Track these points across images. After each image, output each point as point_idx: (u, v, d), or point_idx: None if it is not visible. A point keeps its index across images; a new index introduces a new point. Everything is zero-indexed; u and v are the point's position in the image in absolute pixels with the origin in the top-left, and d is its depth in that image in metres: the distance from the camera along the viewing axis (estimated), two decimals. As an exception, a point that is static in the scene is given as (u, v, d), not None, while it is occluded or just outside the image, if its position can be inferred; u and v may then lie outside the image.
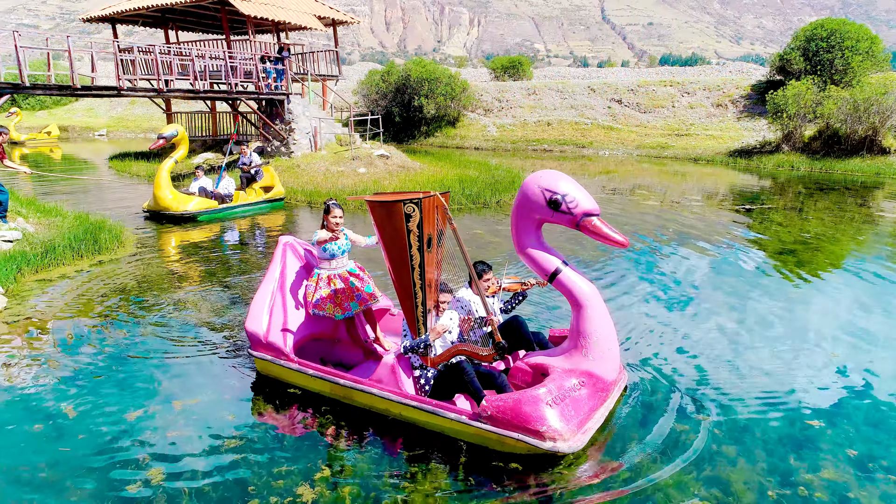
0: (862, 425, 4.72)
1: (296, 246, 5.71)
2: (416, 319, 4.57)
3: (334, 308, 5.33)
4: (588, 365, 4.37)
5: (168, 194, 12.29)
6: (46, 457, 4.28)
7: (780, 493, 3.89)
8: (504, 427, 4.14)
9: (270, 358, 5.22)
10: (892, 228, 12.12)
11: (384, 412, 4.74)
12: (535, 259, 4.58)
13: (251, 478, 4.08)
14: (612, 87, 32.86)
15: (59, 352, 5.98)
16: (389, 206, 4.28)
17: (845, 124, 22.22)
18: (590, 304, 4.42)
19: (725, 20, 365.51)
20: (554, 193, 4.33)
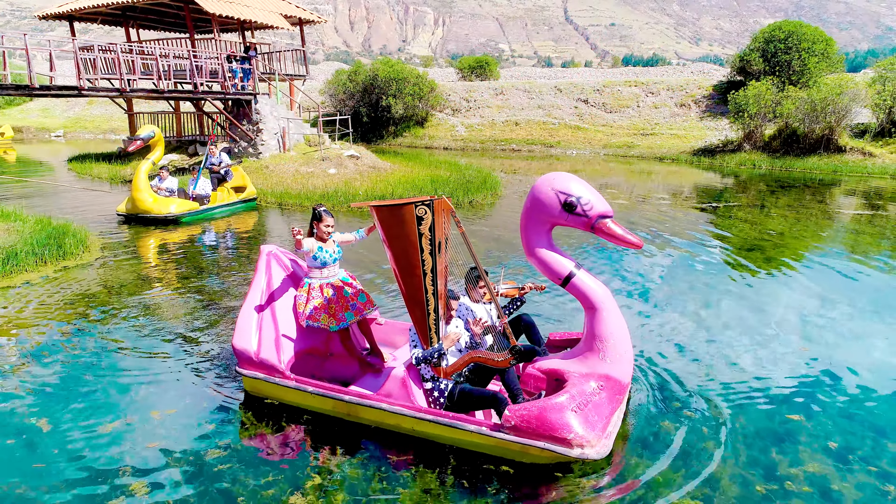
0: (837, 417, 4.85)
1: (279, 255, 5.39)
2: (429, 328, 4.37)
3: (329, 319, 5.06)
4: (606, 368, 4.29)
5: (147, 197, 12.05)
6: (21, 473, 4.11)
7: (767, 488, 3.97)
8: (529, 437, 4.02)
9: (263, 376, 4.90)
10: (851, 224, 12.52)
11: (394, 428, 4.53)
12: (548, 263, 4.43)
13: (237, 488, 3.99)
14: (578, 87, 33.24)
15: (27, 362, 5.76)
16: (399, 210, 4.12)
17: (803, 124, 22.91)
18: (605, 306, 4.33)
19: (685, 21, 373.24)
20: (569, 196, 4.22)
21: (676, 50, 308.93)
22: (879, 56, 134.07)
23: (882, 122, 23.03)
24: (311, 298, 5.09)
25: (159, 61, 15.66)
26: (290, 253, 5.50)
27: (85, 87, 14.04)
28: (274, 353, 4.89)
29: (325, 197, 14.31)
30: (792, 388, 5.31)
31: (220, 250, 10.47)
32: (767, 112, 23.56)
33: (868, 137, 23.08)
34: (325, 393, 4.69)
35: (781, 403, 5.05)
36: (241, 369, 4.99)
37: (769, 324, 6.83)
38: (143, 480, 4.04)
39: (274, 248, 5.39)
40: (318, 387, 4.74)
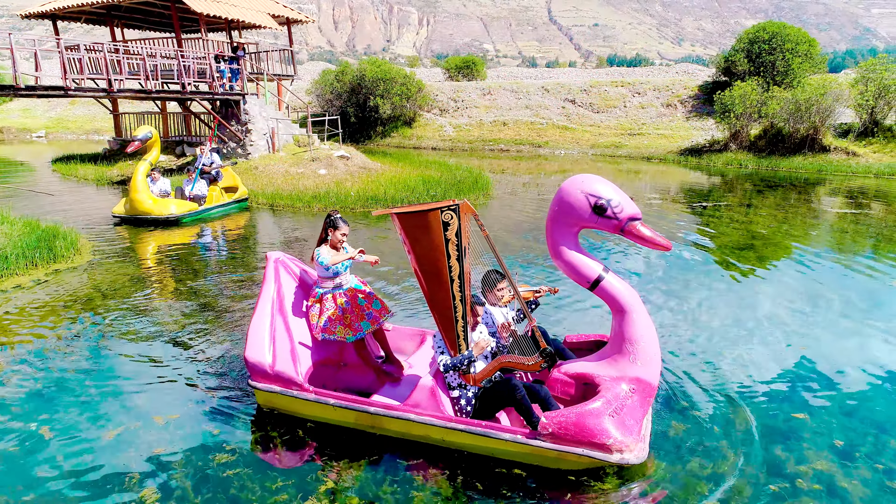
0: (839, 415, 4.92)
1: (287, 262, 5.19)
2: (457, 335, 4.26)
3: (345, 330, 4.89)
4: (636, 371, 4.26)
5: (147, 198, 11.98)
6: (26, 482, 4.04)
7: (780, 486, 4.01)
8: (567, 443, 3.99)
9: (280, 390, 4.69)
10: (837, 222, 12.69)
11: (422, 439, 4.43)
12: (576, 266, 4.36)
13: (246, 494, 3.95)
14: (565, 87, 33.38)
15: (23, 367, 5.67)
16: (425, 216, 4.03)
17: (788, 123, 23.19)
18: (635, 309, 4.29)
19: (667, 22, 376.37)
20: (599, 198, 4.16)
21: (659, 50, 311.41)
22: (857, 57, 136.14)
23: (865, 122, 23.38)
24: (324, 309, 4.93)
25: (147, 61, 15.48)
26: (297, 259, 5.33)
27: (71, 87, 13.84)
28: (290, 366, 4.70)
29: (317, 198, 14.23)
30: (793, 387, 5.37)
31: (213, 252, 10.37)
32: (753, 112, 23.82)
33: (851, 137, 23.42)
34: (349, 405, 4.54)
35: (784, 402, 5.11)
36: (255, 382, 4.78)
37: (765, 322, 6.90)
38: (153, 487, 3.99)
39: (281, 255, 5.19)
40: (340, 399, 4.57)
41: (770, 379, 5.52)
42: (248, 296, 7.76)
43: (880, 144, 22.66)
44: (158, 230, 11.72)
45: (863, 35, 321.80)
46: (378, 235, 11.19)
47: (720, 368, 5.71)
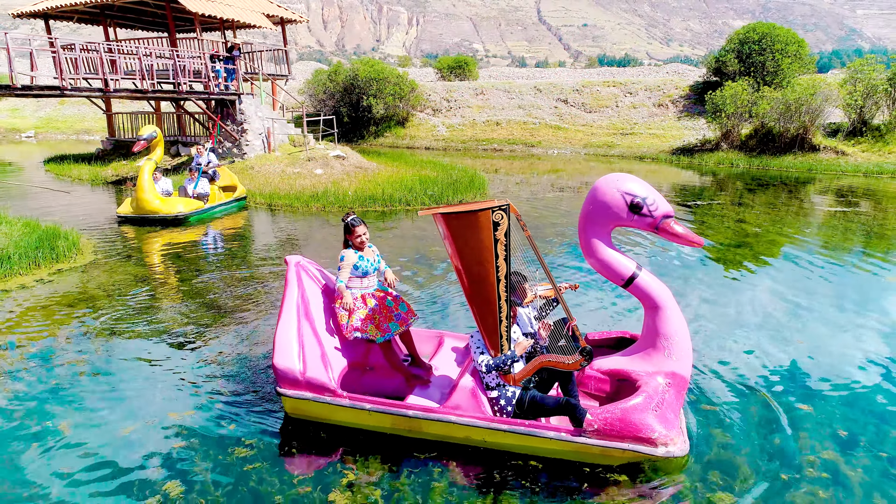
0: (840, 406, 5.06)
1: (307, 266, 5.08)
2: (500, 335, 4.26)
3: (375, 330, 4.88)
4: (671, 365, 4.34)
5: (154, 198, 12.09)
6: (48, 477, 4.10)
7: (789, 476, 4.14)
8: (613, 439, 4.06)
9: (311, 396, 4.58)
10: (829, 220, 12.90)
11: (462, 441, 4.42)
12: (610, 264, 4.42)
13: (265, 487, 4.03)
14: (557, 87, 33.56)
15: (35, 365, 5.70)
16: (474, 217, 4.02)
17: (778, 123, 23.47)
18: (669, 305, 4.38)
19: (655, 22, 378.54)
20: (635, 197, 4.24)
21: (648, 50, 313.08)
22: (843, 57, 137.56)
23: (854, 121, 23.71)
24: (355, 310, 4.91)
25: (143, 61, 15.45)
26: (316, 262, 5.27)
27: (68, 87, 13.79)
28: (322, 371, 4.60)
29: (315, 197, 14.28)
30: (793, 379, 5.51)
31: (215, 251, 10.40)
32: (743, 112, 24.08)
33: (840, 136, 23.74)
34: (386, 409, 4.48)
35: (786, 394, 5.24)
36: (284, 390, 4.64)
37: (763, 317, 7.05)
38: (176, 481, 4.06)
39: (300, 259, 5.09)
40: (377, 403, 4.51)
41: (772, 371, 5.65)
42: (253, 294, 7.81)
43: (868, 144, 22.99)
44: (159, 230, 11.74)
45: (848, 35, 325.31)
46: (376, 237, 11.27)
47: (722, 362, 5.83)
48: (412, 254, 9.76)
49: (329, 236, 11.20)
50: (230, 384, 5.41)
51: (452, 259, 4.30)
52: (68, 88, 13.83)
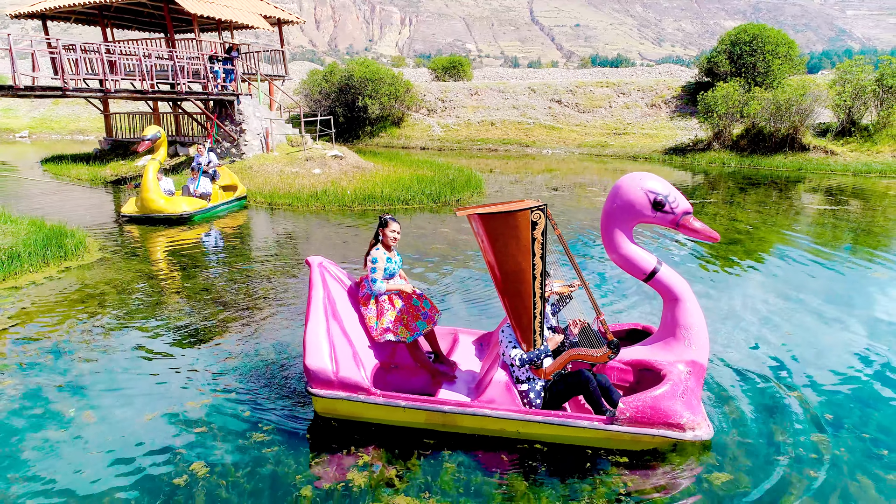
0: (827, 392, 5.33)
1: (328, 266, 5.08)
2: (534, 331, 4.45)
3: (405, 331, 4.96)
4: (691, 354, 4.56)
5: (159, 197, 12.26)
6: (79, 463, 4.30)
7: (777, 458, 4.41)
8: (644, 426, 4.29)
9: (345, 396, 4.65)
10: (819, 218, 13.23)
11: (497, 433, 4.58)
12: (633, 259, 4.62)
13: (282, 468, 4.25)
14: (551, 87, 33.86)
15: (52, 358, 5.89)
16: (513, 217, 4.15)
17: (769, 123, 23.84)
18: (688, 297, 4.63)
19: (647, 23, 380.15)
20: (657, 195, 4.44)
21: (640, 51, 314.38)
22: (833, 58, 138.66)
23: (842, 121, 24.11)
24: (383, 311, 4.98)
25: (143, 62, 15.60)
26: (335, 263, 5.31)
27: (69, 87, 13.94)
28: (356, 371, 4.65)
29: (314, 197, 14.49)
30: (781, 368, 5.78)
31: (218, 249, 10.59)
32: (735, 112, 24.44)
33: (830, 136, 24.14)
34: (421, 406, 4.60)
35: (775, 381, 5.51)
36: (317, 390, 4.69)
37: (754, 310, 7.32)
38: (202, 462, 4.27)
39: (323, 260, 5.07)
40: (411, 400, 4.62)
41: (762, 361, 5.92)
42: (260, 291, 8.02)
43: (857, 143, 23.39)
44: (163, 228, 11.91)
45: (838, 36, 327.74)
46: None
47: (716, 354, 6.09)
48: (412, 252, 9.99)
49: (331, 234, 11.41)
50: (245, 375, 5.62)
51: (486, 256, 4.42)
52: (69, 89, 13.97)
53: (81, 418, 4.84)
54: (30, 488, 4.00)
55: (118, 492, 3.98)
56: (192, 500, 3.90)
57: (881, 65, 23.44)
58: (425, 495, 3.97)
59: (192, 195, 13.24)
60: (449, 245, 10.53)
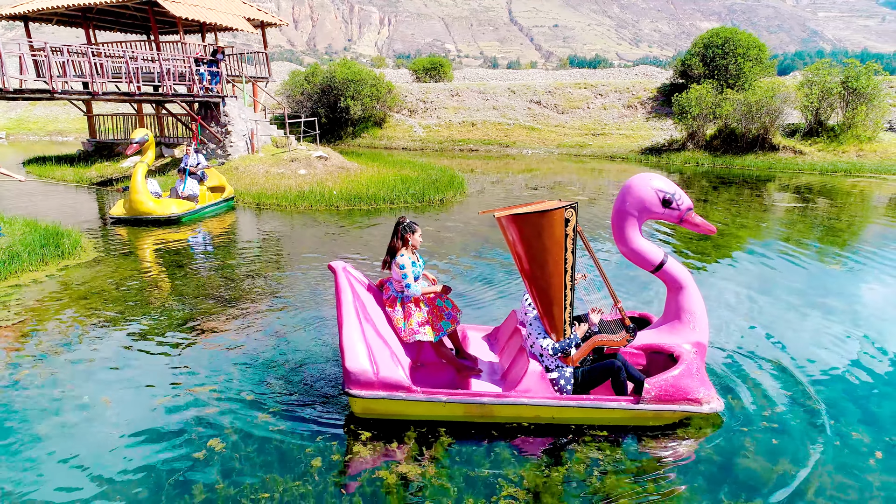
0: (793, 374, 5.88)
1: (351, 270, 5.16)
2: (564, 321, 4.78)
3: (432, 331, 5.17)
4: (696, 336, 5.11)
5: (147, 199, 12.44)
6: (101, 444, 4.67)
7: (760, 426, 4.93)
8: (667, 403, 4.75)
9: (386, 395, 4.79)
10: (787, 216, 13.91)
11: (532, 420, 4.90)
12: (643, 253, 5.09)
13: (287, 444, 4.66)
14: (530, 88, 34.46)
15: (62, 351, 6.22)
16: (549, 215, 4.43)
17: (741, 124, 24.66)
18: (691, 285, 5.17)
19: (625, 23, 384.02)
20: (666, 193, 4.93)
21: (617, 51, 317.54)
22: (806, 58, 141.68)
23: (810, 122, 25.02)
24: (410, 313, 5.18)
25: (129, 64, 15.81)
26: (354, 266, 5.41)
27: (57, 90, 14.12)
28: (395, 370, 4.81)
29: (301, 197, 14.82)
30: (753, 356, 6.32)
31: (211, 248, 10.90)
32: (708, 113, 25.23)
33: (798, 137, 25.04)
34: (461, 399, 4.83)
35: (743, 367, 6.05)
36: (357, 391, 4.80)
37: (724, 302, 7.88)
38: (216, 439, 4.67)
39: (344, 264, 5.14)
40: (451, 395, 4.83)
41: (733, 350, 6.46)
42: (257, 287, 8.38)
43: (824, 143, 24.30)
44: (153, 229, 12.17)
45: (810, 37, 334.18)
46: (366, 235, 11.89)
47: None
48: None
49: (319, 233, 11.77)
50: (249, 362, 6.00)
51: (517, 253, 4.74)
52: (58, 91, 14.15)
53: (98, 403, 5.20)
54: (57, 469, 4.36)
55: (137, 470, 4.36)
56: (209, 475, 4.30)
57: (846, 68, 24.38)
58: (464, 477, 4.41)
59: (180, 197, 13.45)
60: (435, 242, 10.96)
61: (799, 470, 4.38)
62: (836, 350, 6.40)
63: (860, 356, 6.25)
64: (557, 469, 4.41)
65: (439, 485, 4.20)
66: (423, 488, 4.17)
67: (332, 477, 4.26)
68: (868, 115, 23.93)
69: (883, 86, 25.23)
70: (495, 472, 4.36)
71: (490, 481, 4.25)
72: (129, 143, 12.51)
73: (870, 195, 17.13)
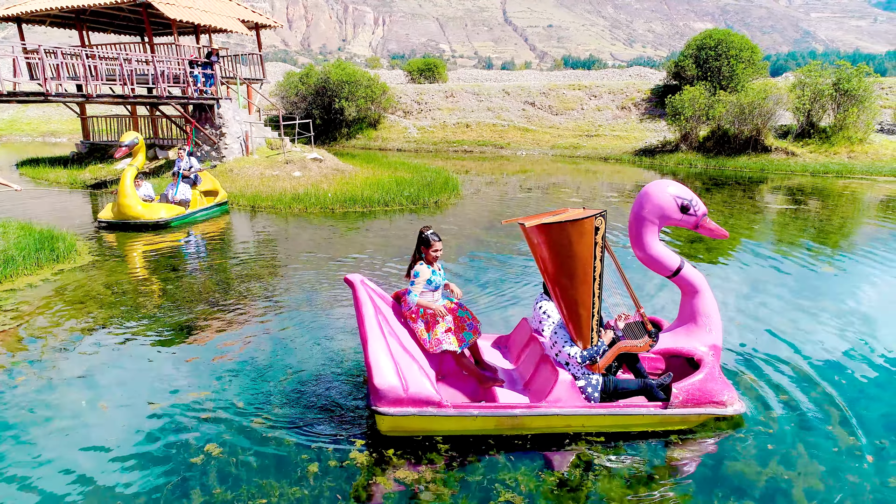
0: (784, 366, 5.96)
1: (368, 283, 5.02)
2: (591, 329, 4.78)
3: (456, 341, 5.11)
4: (712, 338, 5.21)
5: (136, 203, 12.23)
6: (90, 451, 4.70)
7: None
8: (694, 406, 4.82)
9: (416, 411, 4.62)
10: (779, 217, 14.02)
11: (562, 429, 4.86)
12: (661, 258, 5.15)
13: (284, 450, 4.70)
14: (524, 89, 34.55)
15: (58, 356, 6.24)
16: (580, 224, 4.43)
17: (733, 125, 24.80)
18: (707, 289, 5.25)
19: (619, 24, 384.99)
20: (684, 199, 5.02)
21: (611, 51, 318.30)
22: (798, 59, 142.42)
23: (802, 123, 25.19)
24: (434, 324, 5.11)
25: (123, 66, 15.80)
26: (371, 279, 5.41)
27: (51, 91, 14.10)
28: (425, 385, 4.64)
29: (296, 199, 14.84)
30: (747, 351, 6.40)
31: (207, 251, 10.92)
32: (701, 115, 25.36)
33: (790, 138, 25.21)
34: (493, 413, 4.73)
35: (738, 363, 6.13)
36: (386, 408, 4.61)
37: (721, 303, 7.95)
38: (214, 443, 4.71)
39: (362, 277, 4.96)
40: (483, 408, 4.73)
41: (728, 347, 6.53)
42: (252, 290, 8.41)
43: (816, 145, 24.48)
44: (148, 233, 12.15)
45: (803, 38, 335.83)
46: (360, 237, 11.92)
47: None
48: (395, 252, 10.46)
49: (315, 236, 11.81)
50: (242, 367, 6.04)
51: (543, 261, 4.70)
52: (51, 94, 14.13)
53: (94, 409, 5.22)
54: (52, 474, 4.39)
55: (134, 476, 4.40)
56: (206, 479, 4.34)
57: (837, 70, 24.56)
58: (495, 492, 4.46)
59: (171, 201, 13.20)
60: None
61: (790, 471, 4.46)
62: (826, 351, 6.48)
63: (850, 357, 6.34)
64: (554, 474, 4.47)
65: (436, 491, 4.25)
66: (419, 494, 4.22)
67: (328, 482, 4.31)
68: (859, 116, 24.11)
69: (874, 87, 25.42)
70: (490, 476, 4.41)
71: (486, 486, 4.31)
72: (119, 146, 12.32)
73: (861, 196, 17.28)
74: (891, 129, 26.33)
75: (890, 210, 15.06)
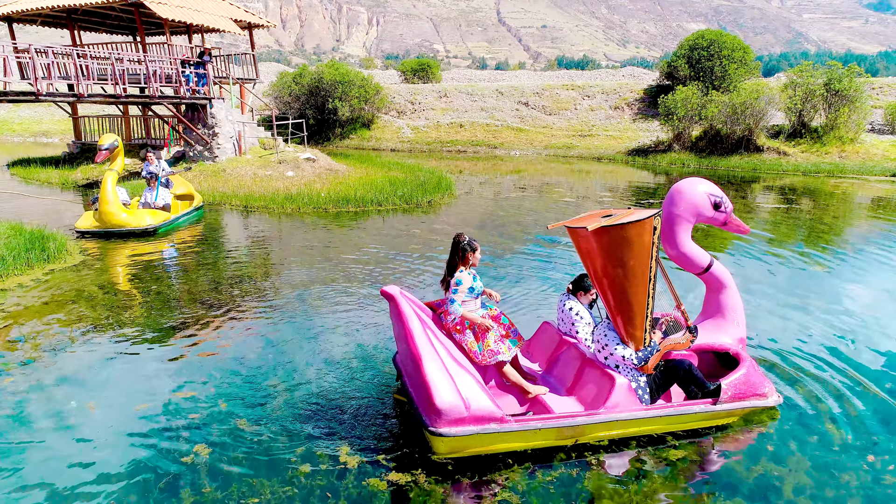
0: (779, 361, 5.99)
1: (407, 294, 4.74)
2: (645, 330, 4.72)
3: (507, 350, 4.92)
4: (739, 332, 5.35)
5: (119, 210, 11.51)
6: (79, 452, 4.68)
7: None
8: (740, 400, 4.89)
9: (479, 429, 4.29)
10: (771, 216, 14.09)
11: (620, 435, 4.74)
12: (693, 256, 5.17)
13: (275, 449, 4.69)
14: (518, 90, 34.60)
15: (46, 356, 6.21)
16: (640, 225, 4.37)
17: (726, 125, 24.92)
18: (733, 284, 5.38)
19: (612, 24, 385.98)
20: (716, 197, 5.06)
21: (605, 52, 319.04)
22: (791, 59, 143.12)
23: (794, 123, 25.33)
24: (482, 334, 4.94)
25: (115, 66, 15.73)
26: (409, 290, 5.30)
27: (43, 91, 14.03)
28: (486, 400, 4.34)
29: (289, 199, 14.82)
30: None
31: (198, 252, 10.87)
32: (694, 115, 25.47)
33: (782, 138, 25.34)
34: (553, 424, 4.51)
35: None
36: (447, 429, 4.26)
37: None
38: (203, 444, 4.69)
39: (400, 289, 4.60)
40: (543, 420, 4.51)
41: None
42: (243, 290, 8.39)
43: (807, 144, 24.61)
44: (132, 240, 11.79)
45: (795, 39, 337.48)
46: (355, 237, 11.92)
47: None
48: (390, 251, 10.45)
49: (309, 237, 11.78)
50: (235, 367, 6.03)
51: (594, 265, 4.64)
52: (43, 93, 14.06)
53: (83, 409, 5.20)
54: (41, 474, 4.37)
55: (123, 475, 4.38)
56: (197, 479, 4.33)
57: (829, 70, 24.71)
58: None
59: (153, 207, 12.52)
60: (423, 245, 11.01)
61: (780, 467, 4.48)
62: (818, 347, 6.52)
63: (840, 354, 6.38)
64: (611, 478, 4.47)
65: (429, 489, 4.25)
66: (411, 492, 4.22)
67: (318, 480, 4.30)
68: (850, 116, 24.26)
69: (865, 88, 25.59)
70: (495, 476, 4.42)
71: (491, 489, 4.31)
72: (99, 149, 11.61)
73: (852, 196, 17.38)
74: (882, 129, 26.52)
75: (881, 209, 15.16)
